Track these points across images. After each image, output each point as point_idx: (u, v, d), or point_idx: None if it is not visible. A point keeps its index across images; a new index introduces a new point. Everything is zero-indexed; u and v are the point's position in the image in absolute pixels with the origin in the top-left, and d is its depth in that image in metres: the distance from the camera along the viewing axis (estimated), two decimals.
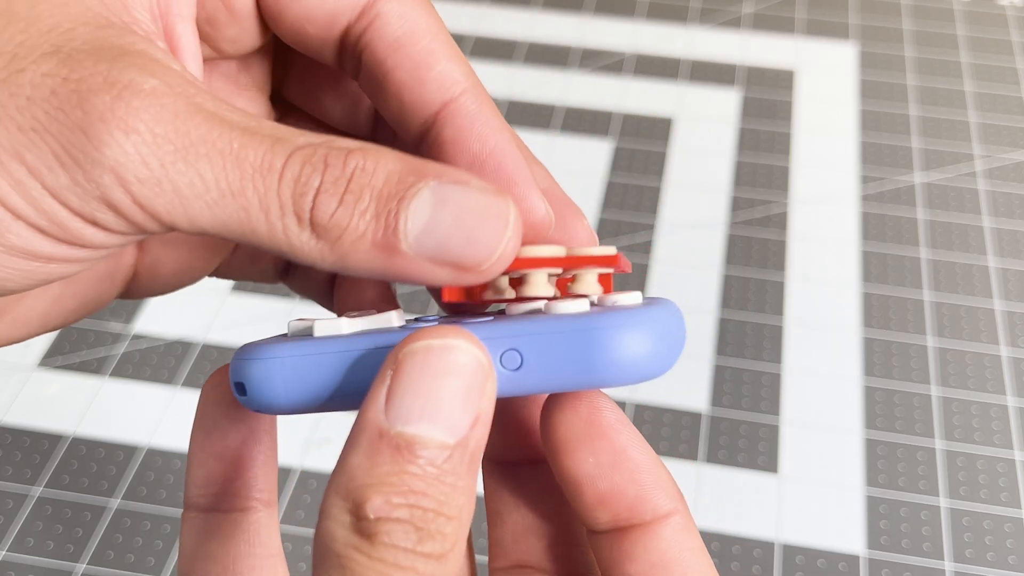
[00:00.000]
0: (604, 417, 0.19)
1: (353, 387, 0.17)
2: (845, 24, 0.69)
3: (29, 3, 0.16)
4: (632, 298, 0.18)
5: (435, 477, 0.15)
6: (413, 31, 0.20)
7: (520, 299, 0.19)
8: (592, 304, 0.18)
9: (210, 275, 0.25)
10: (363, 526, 0.15)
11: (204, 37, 0.21)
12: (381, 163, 0.16)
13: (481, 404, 0.16)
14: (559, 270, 0.19)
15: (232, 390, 0.18)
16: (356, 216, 0.16)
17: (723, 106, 0.64)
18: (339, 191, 0.16)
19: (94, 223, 0.16)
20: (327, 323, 0.18)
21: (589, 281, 0.20)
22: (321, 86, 0.24)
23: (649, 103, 0.64)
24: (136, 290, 0.23)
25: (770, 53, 0.67)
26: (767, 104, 0.64)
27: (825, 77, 0.66)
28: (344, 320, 0.18)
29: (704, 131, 0.62)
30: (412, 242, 0.16)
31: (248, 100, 0.23)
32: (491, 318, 0.18)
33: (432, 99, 0.20)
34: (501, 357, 0.17)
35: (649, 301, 0.19)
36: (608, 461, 0.18)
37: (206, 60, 0.21)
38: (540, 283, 0.19)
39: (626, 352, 0.17)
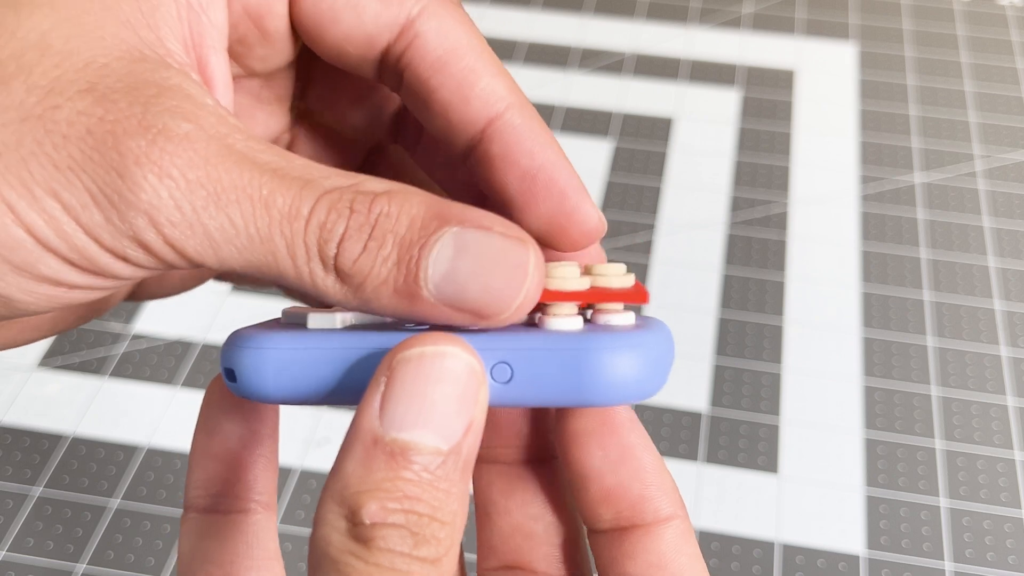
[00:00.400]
0: (617, 414, 0.19)
1: (343, 384, 0.17)
2: (845, 24, 0.69)
3: (64, 36, 0.17)
4: (625, 318, 0.18)
5: (429, 483, 0.15)
6: (454, 49, 0.20)
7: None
8: (586, 320, 0.19)
9: (214, 279, 0.25)
10: (359, 531, 0.15)
11: (234, 56, 0.21)
12: (405, 207, 0.17)
13: (474, 411, 0.16)
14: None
15: (223, 376, 0.18)
16: (379, 263, 0.16)
17: (723, 106, 0.64)
18: (363, 237, 0.16)
19: (124, 259, 0.16)
20: (321, 316, 0.18)
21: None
22: (345, 95, 0.24)
23: (649, 103, 0.64)
24: (143, 293, 0.24)
25: (770, 53, 0.67)
26: (767, 104, 0.64)
27: (825, 77, 0.66)
28: (338, 313, 0.18)
29: (704, 131, 0.62)
30: (432, 289, 0.16)
31: (269, 114, 0.23)
32: None
33: (477, 116, 0.20)
34: (492, 369, 0.17)
35: (641, 322, 0.19)
36: (616, 456, 0.19)
37: (232, 78, 0.21)
38: (564, 308, 0.19)
39: (615, 375, 0.17)
